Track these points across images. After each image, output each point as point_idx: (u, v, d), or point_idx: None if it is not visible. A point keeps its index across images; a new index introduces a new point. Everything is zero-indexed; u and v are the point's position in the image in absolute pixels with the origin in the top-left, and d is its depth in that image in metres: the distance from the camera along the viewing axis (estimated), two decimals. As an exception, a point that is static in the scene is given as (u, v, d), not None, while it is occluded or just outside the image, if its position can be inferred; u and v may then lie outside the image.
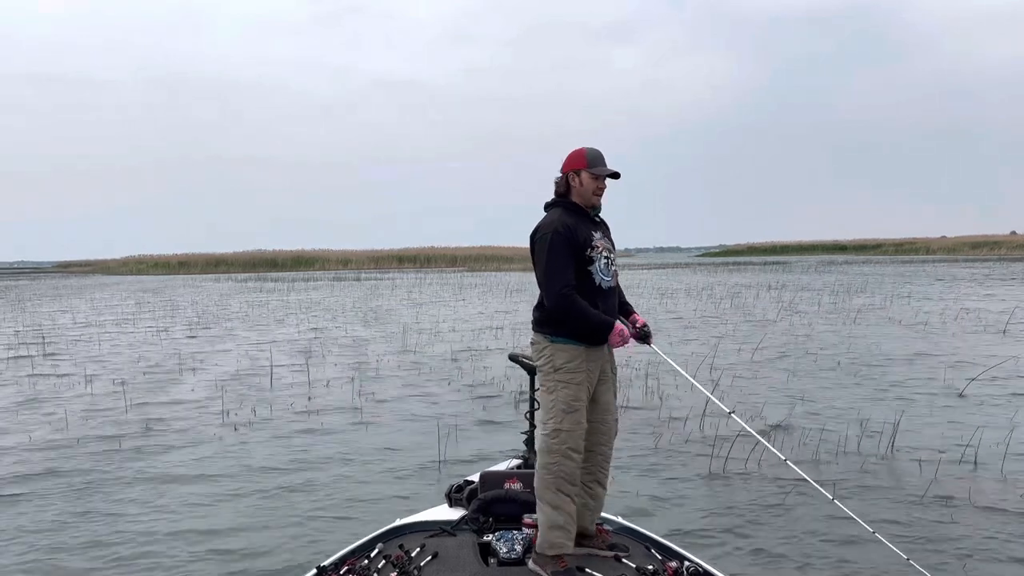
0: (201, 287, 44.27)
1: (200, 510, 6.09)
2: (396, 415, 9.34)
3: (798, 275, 43.99)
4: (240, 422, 9.07)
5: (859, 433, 7.80)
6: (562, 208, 3.61)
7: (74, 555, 5.24)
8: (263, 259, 74.71)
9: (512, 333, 17.08)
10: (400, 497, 6.19)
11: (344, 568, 3.45)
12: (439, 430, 8.04)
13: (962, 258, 69.54)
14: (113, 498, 6.43)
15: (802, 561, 4.98)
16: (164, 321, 22.74)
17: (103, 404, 10.19)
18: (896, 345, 14.18)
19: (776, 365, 12.29)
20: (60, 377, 12.58)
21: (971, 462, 6.87)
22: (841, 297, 26.00)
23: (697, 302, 25.53)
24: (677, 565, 3.48)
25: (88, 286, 49.31)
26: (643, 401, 9.79)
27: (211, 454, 7.71)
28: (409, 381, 11.65)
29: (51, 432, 8.67)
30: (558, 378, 3.53)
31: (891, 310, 21.03)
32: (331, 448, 7.85)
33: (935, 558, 4.93)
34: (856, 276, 40.81)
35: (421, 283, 42.94)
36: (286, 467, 7.19)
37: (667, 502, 6.10)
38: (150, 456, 7.66)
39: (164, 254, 78.43)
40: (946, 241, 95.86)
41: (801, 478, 4.08)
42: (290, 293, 36.06)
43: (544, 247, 3.50)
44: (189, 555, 5.21)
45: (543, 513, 3.52)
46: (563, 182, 3.65)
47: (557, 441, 3.49)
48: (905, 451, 7.25)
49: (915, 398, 9.62)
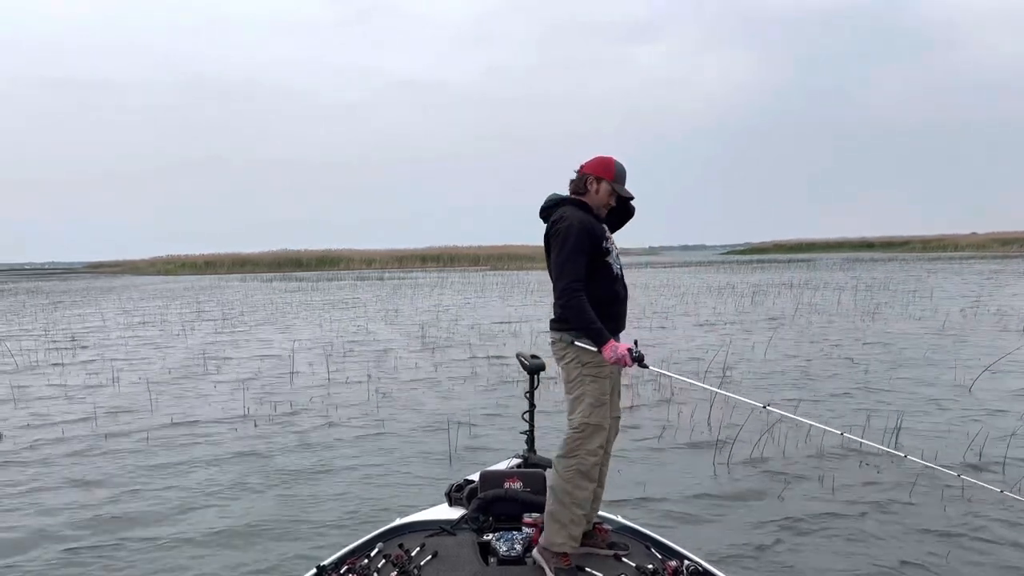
0: (227, 287, 44.72)
1: (210, 503, 6.20)
2: (413, 412, 9.41)
3: (821, 272, 43.60)
4: (260, 417, 9.22)
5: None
6: (578, 207, 3.66)
7: (76, 552, 5.32)
8: (288, 259, 75.21)
9: (531, 332, 17.11)
10: (411, 493, 6.24)
11: (344, 567, 3.47)
12: (452, 428, 8.11)
13: (990, 255, 68.53)
14: (122, 490, 6.58)
15: (803, 562, 4.96)
16: (190, 320, 23.04)
17: (127, 402, 10.39)
18: (916, 343, 14.05)
19: (793, 362, 12.23)
20: (89, 374, 12.88)
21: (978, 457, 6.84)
22: (862, 295, 25.77)
23: (716, 300, 25.42)
24: (677, 564, 3.49)
25: (117, 287, 50.01)
26: (651, 396, 9.85)
27: (227, 450, 7.83)
28: (427, 379, 11.72)
29: (79, 425, 8.86)
30: (586, 372, 3.55)
31: (910, 307, 20.82)
32: (346, 445, 7.93)
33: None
34: (882, 273, 40.40)
35: (443, 282, 43.03)
36: (300, 463, 7.29)
37: (670, 501, 6.10)
38: (169, 450, 7.80)
39: (191, 254, 79.28)
40: (975, 238, 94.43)
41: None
42: (314, 292, 36.32)
43: (566, 238, 3.51)
44: (194, 549, 5.27)
45: (558, 508, 3.52)
46: (583, 183, 3.68)
47: (584, 435, 3.51)
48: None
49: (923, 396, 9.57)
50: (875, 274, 40.02)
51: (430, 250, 79.62)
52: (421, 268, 71.24)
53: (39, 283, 61.47)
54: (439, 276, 52.49)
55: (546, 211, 3.72)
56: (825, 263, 60.76)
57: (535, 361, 4.51)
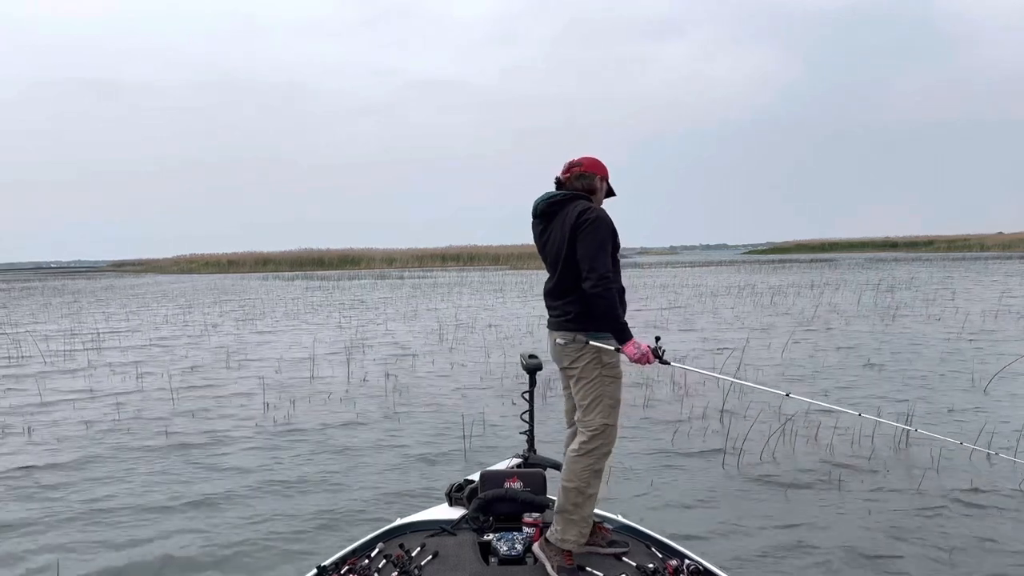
0: (249, 285, 45.07)
1: (223, 499, 6.29)
2: (427, 410, 9.49)
3: (841, 272, 43.23)
4: (278, 415, 9.34)
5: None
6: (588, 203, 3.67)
7: (77, 547, 5.40)
8: (310, 258, 75.63)
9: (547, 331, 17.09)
10: (423, 490, 6.30)
11: (345, 568, 3.48)
12: (466, 425, 8.17)
13: (1017, 255, 67.61)
14: (135, 483, 6.71)
15: (805, 562, 4.95)
16: (213, 317, 23.33)
17: (147, 397, 10.59)
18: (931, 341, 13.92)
19: (811, 361, 12.17)
20: (114, 371, 13.15)
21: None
22: (883, 295, 25.53)
23: (735, 299, 25.30)
24: (677, 563, 3.49)
25: (139, 284, 50.57)
26: (668, 395, 9.86)
27: (243, 446, 7.96)
28: (444, 377, 11.81)
29: (103, 418, 9.03)
30: (605, 373, 3.54)
31: (931, 306, 20.62)
32: (361, 441, 8.02)
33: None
34: (905, 272, 40.00)
35: (463, 281, 43.11)
36: (312, 461, 7.38)
37: (678, 500, 6.12)
38: (189, 448, 7.90)
39: (214, 253, 79.96)
40: (1002, 238, 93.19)
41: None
42: (335, 291, 36.53)
43: (598, 230, 3.48)
44: (203, 545, 5.34)
45: (573, 508, 3.50)
46: (592, 181, 3.70)
47: (603, 437, 3.50)
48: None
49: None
50: (897, 273, 39.64)
51: (450, 249, 79.73)
52: (441, 267, 71.40)
53: (65, 281, 62.32)
54: (459, 275, 52.58)
55: (558, 203, 3.66)
56: (847, 263, 60.20)
57: (533, 361, 4.50)
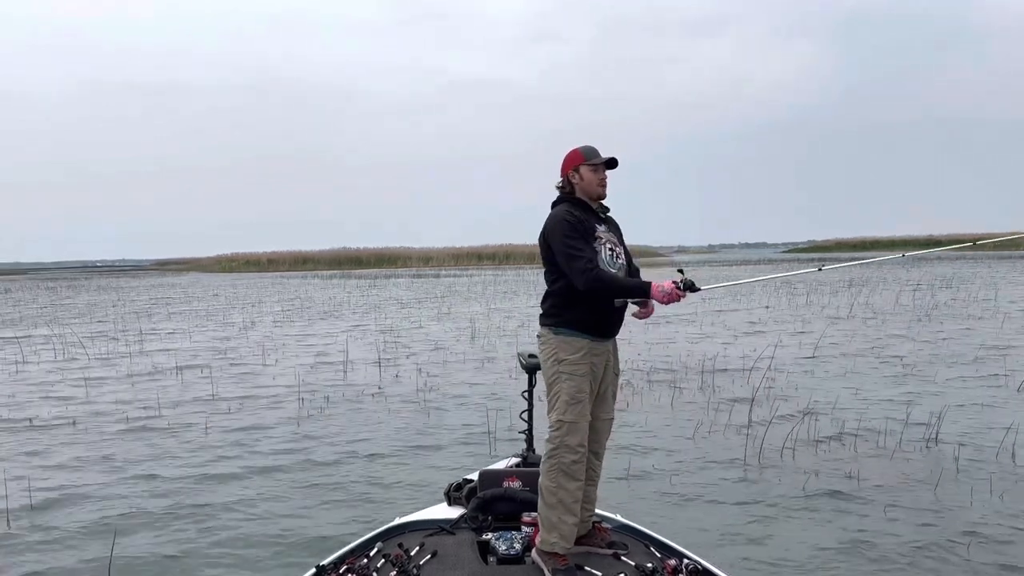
0: (288, 284, 45.67)
1: (241, 495, 6.43)
2: (456, 407, 9.64)
3: (874, 270, 42.52)
4: (313, 408, 9.65)
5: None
6: (568, 203, 3.71)
7: (79, 539, 5.55)
8: (348, 257, 76.18)
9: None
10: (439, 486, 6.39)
11: (344, 567, 3.50)
12: (491, 418, 8.33)
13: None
14: (148, 473, 6.97)
15: (806, 562, 4.91)
16: (252, 315, 23.93)
17: (187, 389, 11.14)
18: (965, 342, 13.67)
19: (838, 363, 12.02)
20: (155, 365, 13.68)
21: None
22: (923, 293, 25.08)
23: (772, 297, 25.03)
24: (676, 563, 3.49)
25: (183, 283, 51.58)
26: (696, 395, 9.85)
27: (271, 440, 8.19)
28: (474, 374, 11.99)
29: (138, 411, 9.39)
30: (562, 370, 3.55)
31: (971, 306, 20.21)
32: (389, 436, 8.21)
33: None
34: (948, 270, 39.20)
35: (498, 280, 43.19)
36: (339, 454, 7.55)
37: (687, 498, 6.13)
38: (222, 446, 8.05)
39: (254, 252, 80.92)
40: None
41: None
42: (372, 289, 36.89)
43: (558, 233, 3.56)
44: (213, 540, 5.44)
45: (543, 508, 3.55)
46: (566, 182, 3.74)
47: (560, 432, 3.51)
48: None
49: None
50: (940, 271, 38.88)
51: (486, 248, 79.75)
52: (477, 266, 71.51)
53: (110, 280, 63.72)
54: (494, 274, 52.69)
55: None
56: (888, 261, 59.05)
57: (532, 360, 4.48)
